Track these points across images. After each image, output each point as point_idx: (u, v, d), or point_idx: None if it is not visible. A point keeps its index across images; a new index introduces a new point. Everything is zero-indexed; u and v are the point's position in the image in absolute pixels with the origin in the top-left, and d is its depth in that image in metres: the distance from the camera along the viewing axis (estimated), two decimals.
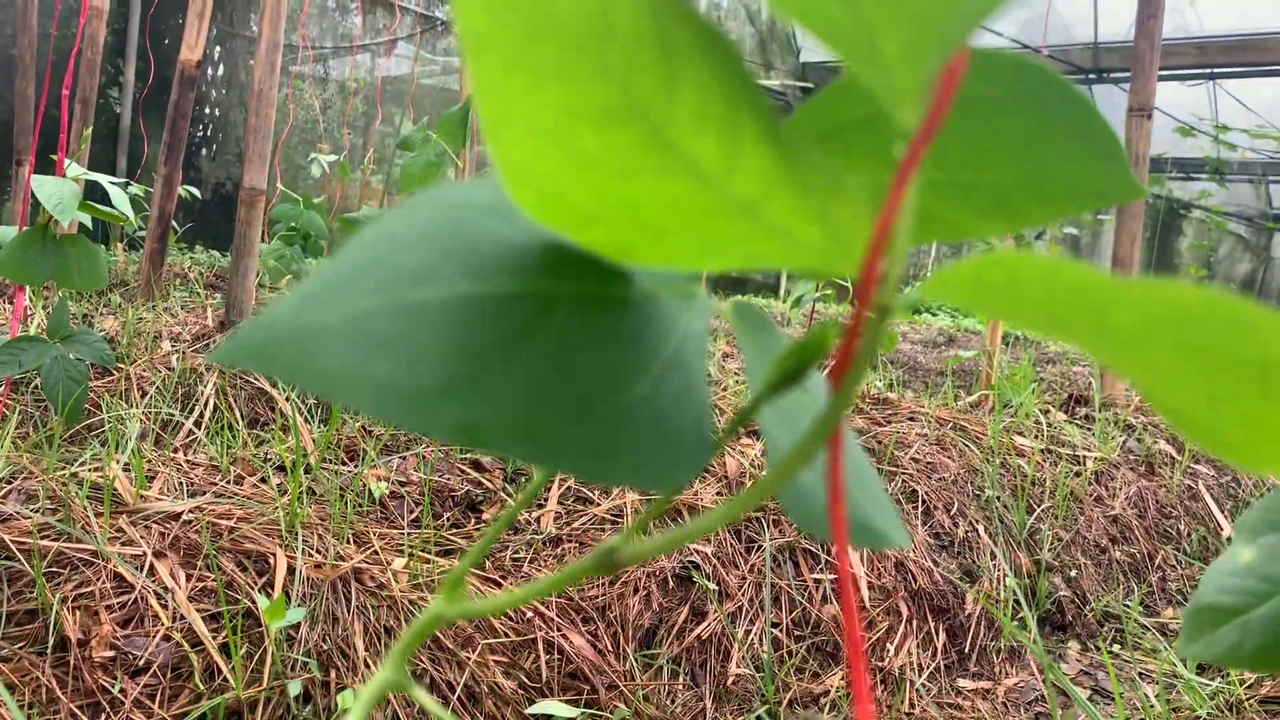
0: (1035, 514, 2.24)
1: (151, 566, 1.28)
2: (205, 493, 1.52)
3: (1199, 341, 0.17)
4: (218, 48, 7.66)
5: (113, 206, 1.55)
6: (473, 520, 1.59)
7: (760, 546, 1.73)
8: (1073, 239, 13.64)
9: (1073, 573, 2.18)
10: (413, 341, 0.20)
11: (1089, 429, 2.80)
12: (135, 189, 4.83)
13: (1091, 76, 9.80)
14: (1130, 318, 0.18)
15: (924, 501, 2.08)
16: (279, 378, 0.20)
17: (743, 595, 1.64)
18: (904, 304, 0.21)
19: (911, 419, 2.45)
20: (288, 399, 2.53)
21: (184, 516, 1.39)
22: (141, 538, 1.33)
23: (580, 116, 0.19)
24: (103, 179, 1.47)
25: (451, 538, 1.53)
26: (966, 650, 1.86)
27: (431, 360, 0.20)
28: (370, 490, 1.58)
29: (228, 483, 1.56)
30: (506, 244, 0.22)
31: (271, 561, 1.32)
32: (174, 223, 4.63)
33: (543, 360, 0.21)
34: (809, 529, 0.24)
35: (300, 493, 1.53)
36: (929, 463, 2.21)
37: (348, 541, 1.44)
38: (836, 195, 0.19)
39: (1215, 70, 9.02)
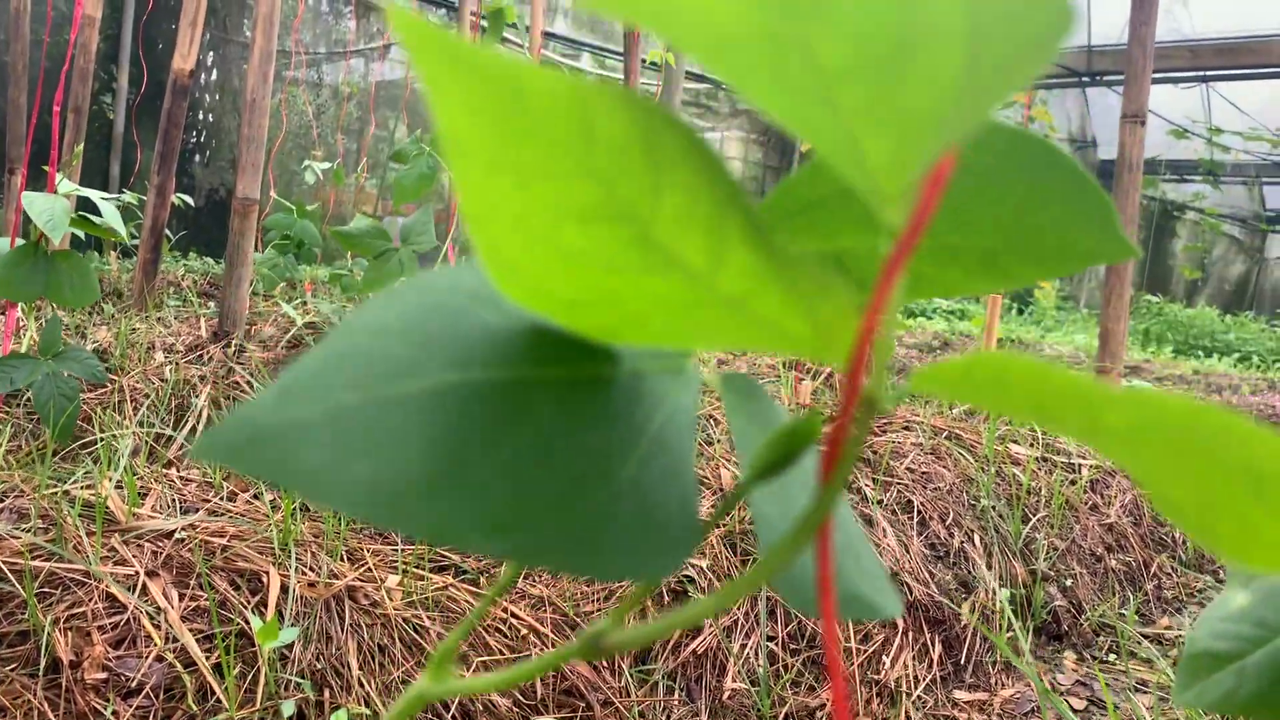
0: (1030, 523, 2.24)
1: (144, 586, 1.28)
2: (198, 510, 1.51)
3: (1191, 447, 0.17)
4: (211, 53, 7.65)
5: (104, 220, 1.54)
6: None
7: (755, 559, 1.73)
8: None
9: (1068, 582, 2.18)
10: (393, 438, 0.20)
11: None
12: (128, 197, 4.83)
13: (1085, 79, 9.82)
14: (1121, 419, 0.17)
15: (920, 512, 2.08)
16: (259, 478, 0.19)
17: (738, 609, 1.64)
18: (894, 397, 0.20)
19: (907, 428, 2.45)
20: None
21: (177, 535, 1.38)
22: (134, 557, 1.33)
23: (565, 214, 0.19)
24: (94, 194, 1.46)
25: (445, 554, 1.53)
26: (962, 661, 1.86)
27: (412, 458, 0.19)
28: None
29: (220, 499, 1.55)
30: (491, 330, 0.22)
31: (264, 580, 1.32)
32: (167, 231, 4.62)
33: (526, 450, 0.20)
34: (799, 609, 0.24)
35: (294, 509, 1.52)
36: (924, 472, 2.21)
37: (341, 559, 1.44)
38: (823, 294, 0.18)
39: (1208, 73, 9.04)
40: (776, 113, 0.17)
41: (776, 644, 1.65)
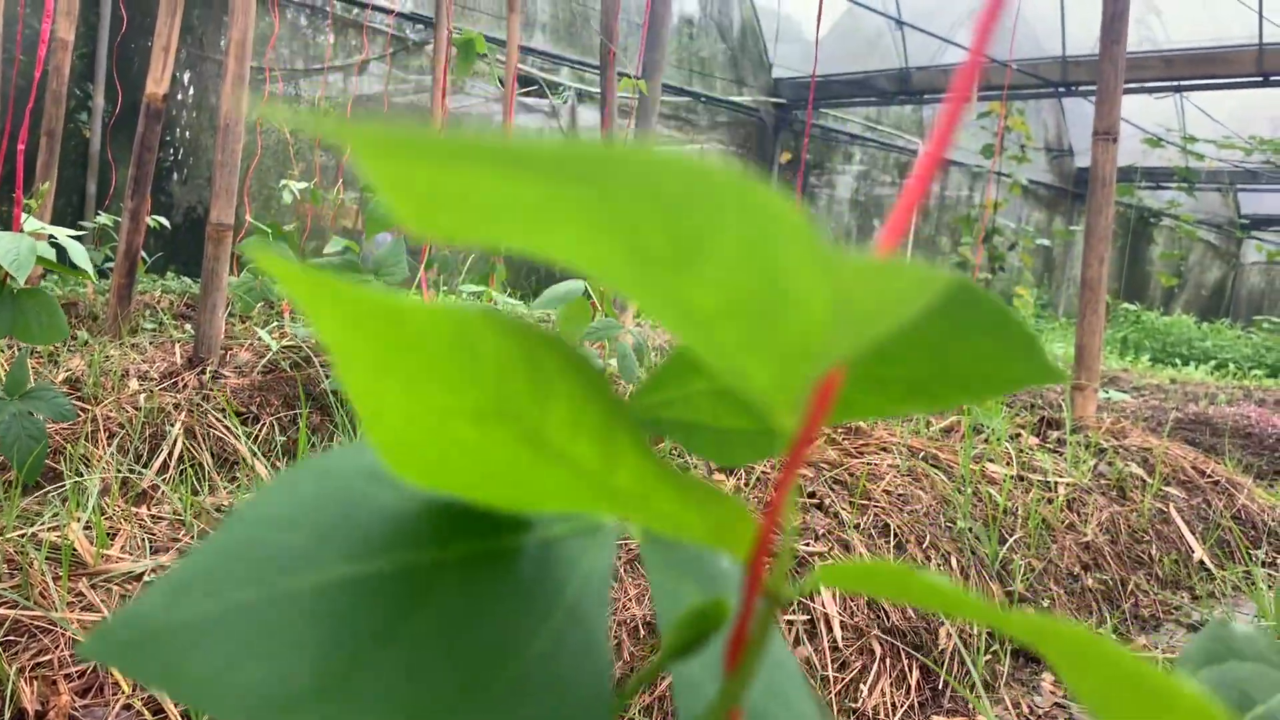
0: (1007, 544, 2.24)
1: None
2: (169, 550, 1.50)
3: (1081, 666, 0.17)
4: (187, 72, 7.61)
5: (80, 256, 1.53)
6: None
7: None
8: (1045, 250, 13.76)
9: (1045, 603, 2.19)
10: (286, 637, 0.19)
11: (1061, 453, 2.81)
12: (104, 219, 4.80)
13: (1061, 90, 9.90)
14: (1017, 632, 0.17)
15: (896, 535, 2.08)
16: (148, 684, 0.19)
17: None
18: (797, 591, 0.20)
19: (884, 449, 2.45)
20: (253, 443, 2.51)
21: (146, 577, 1.37)
22: (102, 601, 1.31)
23: (454, 413, 0.18)
24: (60, 232, 1.45)
25: None
26: (940, 687, 1.86)
27: (305, 658, 0.19)
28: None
29: (191, 538, 1.54)
30: (390, 512, 0.21)
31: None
32: (144, 252, 4.59)
33: (426, 641, 0.20)
34: None
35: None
36: (901, 495, 2.21)
37: None
38: (716, 501, 0.18)
39: (1182, 82, 9.13)
40: (668, 326, 0.17)
41: None
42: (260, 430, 2.63)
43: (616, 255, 0.14)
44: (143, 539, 1.51)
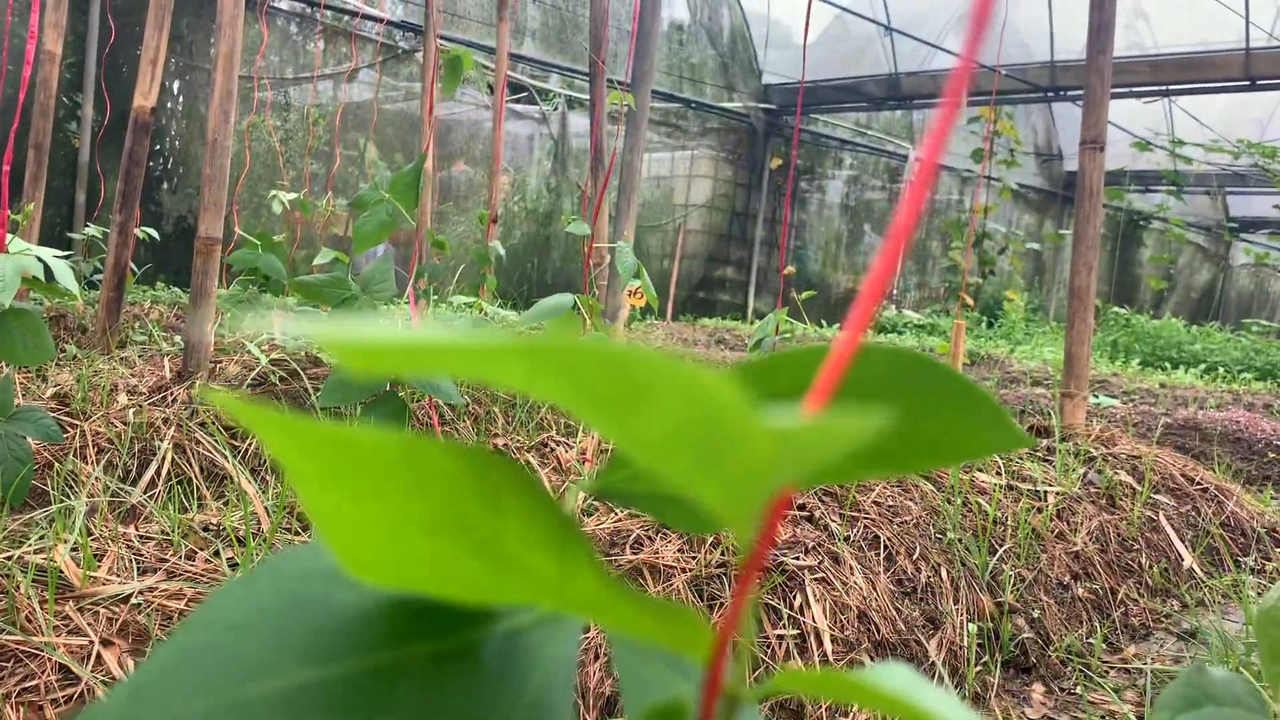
0: (997, 554, 2.25)
1: (99, 656, 1.26)
2: (157, 570, 1.49)
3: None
4: (177, 81, 7.60)
5: (57, 280, 1.52)
6: None
7: (723, 603, 1.73)
8: (1035, 254, 13.80)
9: (1036, 613, 2.19)
10: None
11: (1050, 461, 2.82)
12: (93, 230, 4.78)
13: (1049, 95, 9.94)
14: None
15: (887, 547, 2.09)
16: None
17: None
18: (758, 694, 0.20)
19: None
20: (241, 457, 2.50)
21: (133, 599, 1.37)
22: (89, 625, 1.30)
23: (408, 524, 0.18)
24: (45, 253, 1.44)
25: None
26: None
27: None
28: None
29: (179, 559, 1.53)
30: (349, 613, 0.21)
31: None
32: (133, 264, 4.57)
33: None
34: None
35: (251, 566, 1.50)
36: (891, 506, 2.21)
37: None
38: (673, 614, 0.18)
39: (1170, 87, 9.17)
40: (619, 442, 0.17)
41: None
42: (250, 444, 2.62)
43: (579, 402, 0.14)
44: (130, 560, 1.50)
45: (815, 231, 11.98)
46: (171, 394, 2.77)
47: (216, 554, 1.57)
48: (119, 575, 1.46)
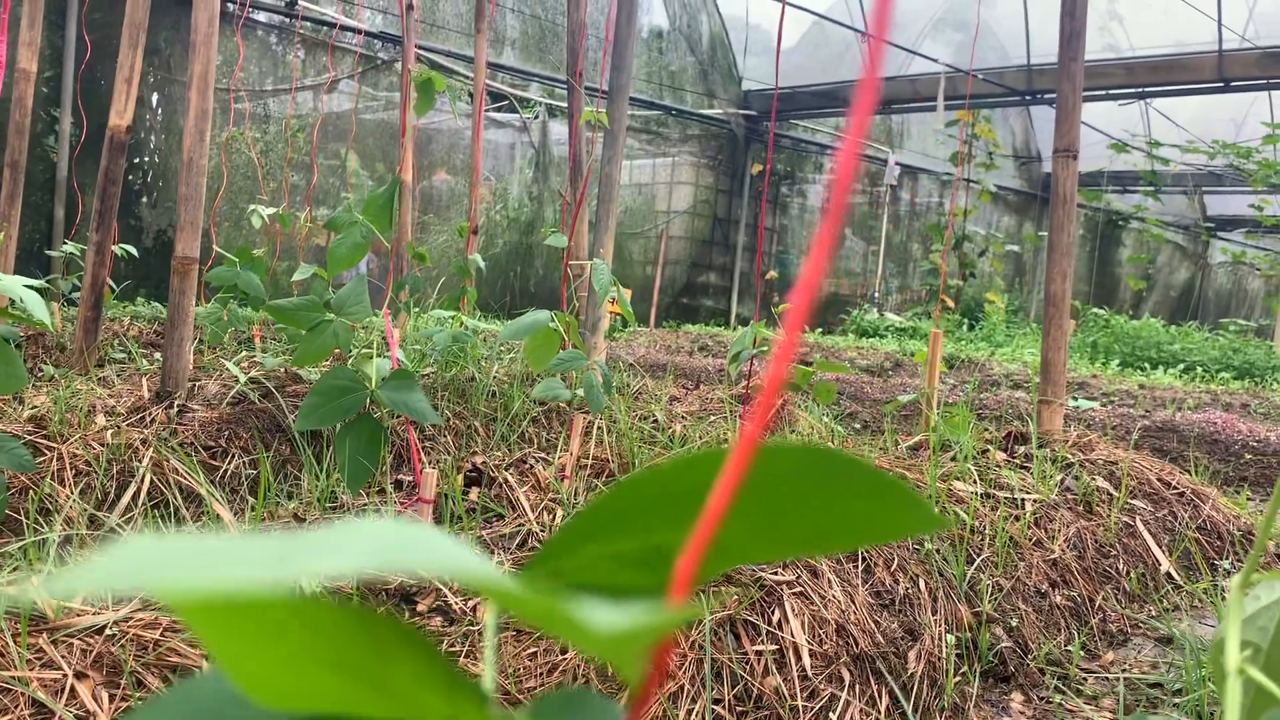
0: (975, 564, 2.27)
1: (72, 690, 1.25)
2: (132, 599, 1.49)
3: None
4: (155, 94, 7.58)
5: (29, 310, 1.52)
6: (407, 613, 1.57)
7: (700, 620, 1.74)
8: (1016, 255, 13.88)
9: (1014, 621, 2.21)
10: None
11: (1028, 468, 2.84)
12: (70, 247, 4.76)
13: (1027, 98, 10.01)
14: None
15: (865, 559, 2.10)
16: None
17: (683, 675, 1.64)
18: None
19: None
20: (221, 477, 2.50)
21: (108, 631, 1.36)
22: (63, 657, 1.30)
23: (307, 662, 0.19)
24: (14, 282, 1.44)
25: None
26: (910, 712, 1.87)
27: None
28: (301, 587, 1.56)
29: None
30: None
31: (198, 675, 1.30)
32: (111, 281, 4.56)
33: None
34: None
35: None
36: None
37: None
38: None
39: (1145, 89, 9.25)
40: (526, 617, 0.18)
41: (723, 705, 1.66)
42: (229, 464, 2.62)
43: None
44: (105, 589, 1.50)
45: (797, 236, 12.02)
46: (150, 414, 2.76)
47: None
48: (94, 605, 1.45)
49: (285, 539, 0.16)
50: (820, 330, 10.88)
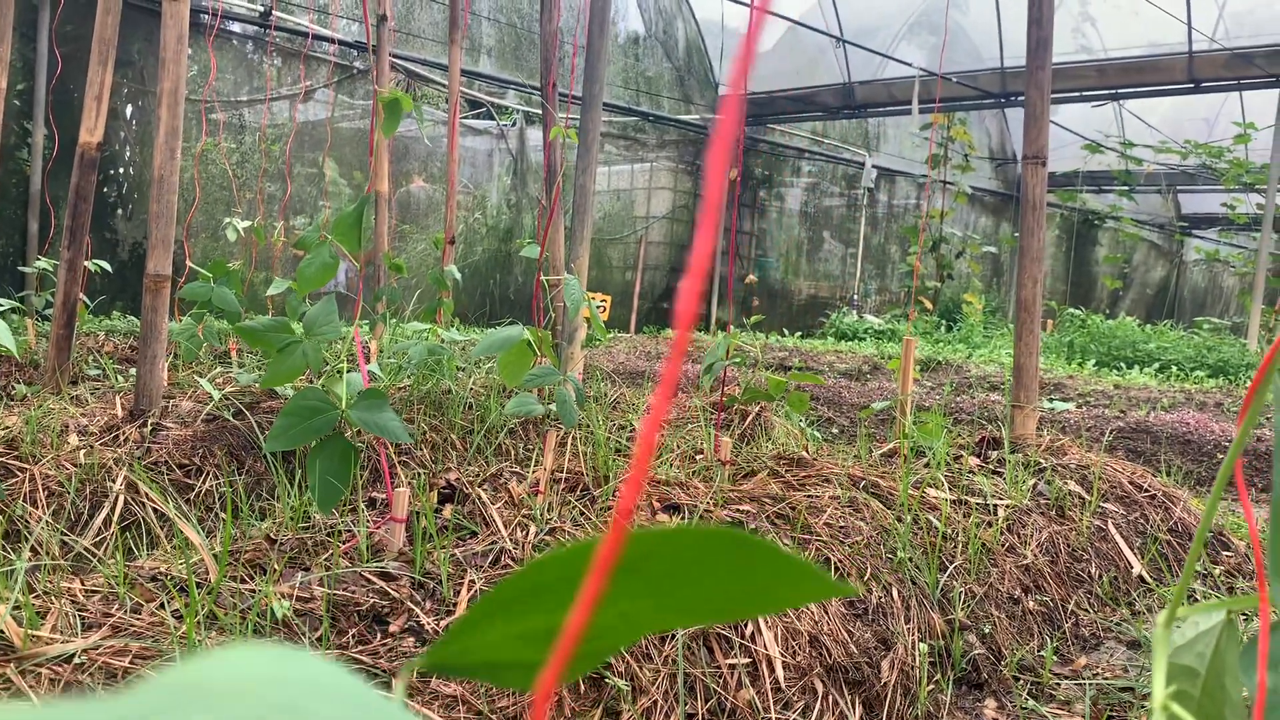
0: (948, 571, 2.28)
1: None
2: (102, 625, 1.49)
3: None
4: (130, 106, 7.54)
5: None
6: (379, 634, 1.58)
7: (674, 635, 1.75)
8: (992, 257, 13.96)
9: (987, 628, 2.23)
10: None
11: (1000, 473, 2.86)
12: (43, 263, 4.73)
13: (1002, 100, 10.08)
14: None
15: (838, 569, 2.11)
16: None
17: (656, 690, 1.65)
18: None
19: (826, 480, 2.49)
20: (196, 496, 2.49)
21: (77, 659, 1.36)
22: (30, 687, 1.30)
23: None
24: None
25: (358, 655, 1.52)
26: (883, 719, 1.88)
27: None
28: (273, 610, 1.56)
29: (125, 613, 1.53)
30: None
31: None
32: (85, 297, 4.53)
33: None
34: None
35: (201, 618, 1.50)
36: (842, 527, 2.24)
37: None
38: None
39: (1118, 91, 9.33)
40: None
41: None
42: (204, 483, 2.61)
43: None
44: (75, 616, 1.49)
45: (776, 240, 12.06)
46: (123, 433, 2.75)
47: (163, 606, 1.57)
48: (63, 633, 1.45)
49: (146, 703, 0.17)
50: (800, 334, 10.91)
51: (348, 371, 1.91)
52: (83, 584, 1.61)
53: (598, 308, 7.01)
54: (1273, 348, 0.50)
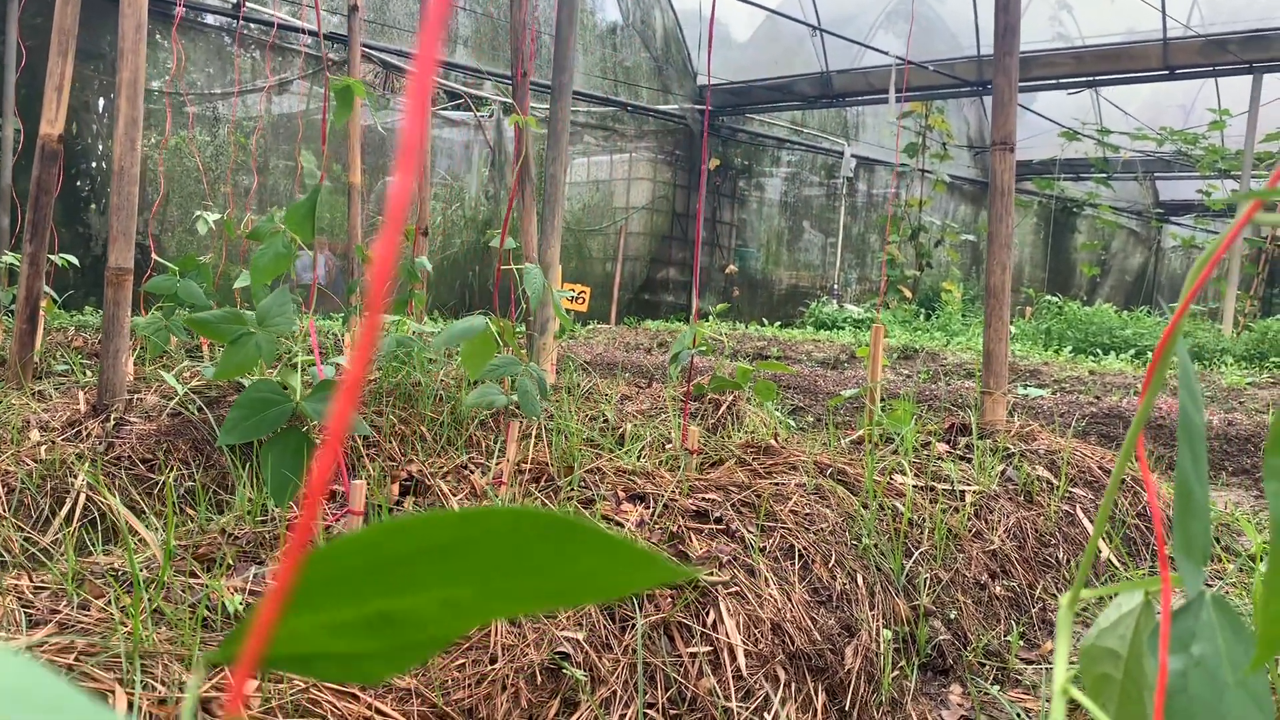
0: (913, 558, 2.28)
1: None
2: (48, 622, 1.47)
3: None
4: (101, 99, 7.47)
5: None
6: None
7: (634, 625, 1.74)
8: (971, 245, 13.99)
9: (953, 614, 2.23)
10: None
11: (969, 459, 2.87)
12: (10, 258, 4.68)
13: (979, 88, 10.09)
14: None
15: (802, 556, 2.11)
16: None
17: (616, 680, 1.64)
18: None
19: (793, 468, 2.48)
20: (159, 490, 2.47)
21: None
22: None
23: None
24: None
25: None
26: (847, 708, 1.88)
27: None
28: (225, 605, 1.54)
29: (73, 610, 1.51)
30: None
31: (110, 700, 1.28)
32: (55, 292, 4.48)
33: None
34: None
35: (148, 613, 1.48)
36: (808, 514, 2.24)
37: (196, 667, 1.40)
38: None
39: (1095, 78, 9.35)
40: None
41: (656, 709, 1.66)
42: (166, 477, 2.58)
43: None
44: (20, 613, 1.47)
45: (756, 229, 12.06)
46: (86, 429, 2.72)
47: (110, 602, 1.55)
48: (8, 630, 1.43)
49: None
50: (779, 324, 10.91)
51: (308, 364, 1.89)
52: (31, 580, 1.59)
53: (575, 298, 6.95)
54: (1173, 319, 0.49)
